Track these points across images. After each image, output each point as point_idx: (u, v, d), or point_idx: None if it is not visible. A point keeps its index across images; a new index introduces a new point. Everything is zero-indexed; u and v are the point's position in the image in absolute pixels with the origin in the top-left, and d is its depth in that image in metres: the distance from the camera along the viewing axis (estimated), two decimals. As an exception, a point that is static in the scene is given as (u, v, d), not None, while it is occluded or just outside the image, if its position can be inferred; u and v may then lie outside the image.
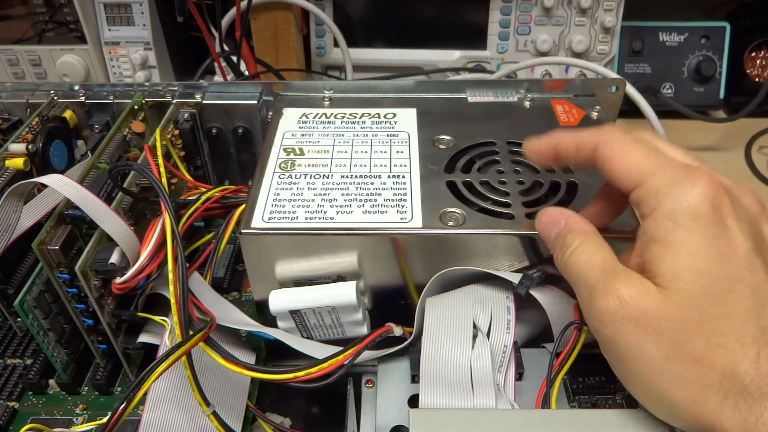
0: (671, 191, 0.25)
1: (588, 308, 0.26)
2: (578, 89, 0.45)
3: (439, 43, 0.72)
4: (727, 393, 0.23)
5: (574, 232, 0.28)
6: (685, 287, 0.24)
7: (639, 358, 0.24)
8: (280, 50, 0.68)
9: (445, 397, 0.30)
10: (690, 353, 0.23)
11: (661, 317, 0.24)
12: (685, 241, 0.24)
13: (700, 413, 0.23)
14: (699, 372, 0.23)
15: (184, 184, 0.46)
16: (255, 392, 0.37)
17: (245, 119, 0.47)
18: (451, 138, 0.40)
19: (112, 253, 0.33)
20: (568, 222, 0.29)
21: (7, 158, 0.40)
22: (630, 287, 0.25)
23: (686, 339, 0.23)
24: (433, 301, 0.34)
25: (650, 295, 0.24)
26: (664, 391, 0.24)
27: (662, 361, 0.24)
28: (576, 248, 0.28)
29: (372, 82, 0.46)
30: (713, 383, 0.23)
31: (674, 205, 0.24)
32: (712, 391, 0.23)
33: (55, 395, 0.39)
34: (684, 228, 0.24)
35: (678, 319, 0.23)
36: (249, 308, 0.42)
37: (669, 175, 0.25)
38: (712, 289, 0.23)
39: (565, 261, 0.28)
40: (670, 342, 0.23)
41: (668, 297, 0.24)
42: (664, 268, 0.24)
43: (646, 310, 0.24)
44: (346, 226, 0.33)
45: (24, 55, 0.70)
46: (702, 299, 0.23)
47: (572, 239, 0.28)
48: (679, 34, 0.71)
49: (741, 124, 0.67)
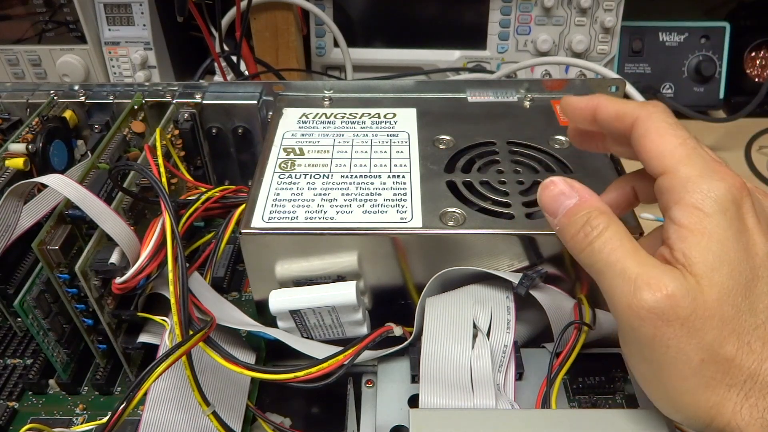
0: (701, 182, 0.24)
1: (628, 303, 0.23)
2: (578, 89, 0.45)
3: (439, 43, 0.72)
4: (748, 392, 0.23)
5: (596, 211, 0.26)
6: (721, 280, 0.23)
7: (674, 361, 0.23)
8: (280, 50, 0.68)
9: (445, 397, 0.30)
10: (723, 354, 0.23)
11: (707, 316, 0.23)
12: (715, 230, 0.23)
13: (720, 413, 0.23)
14: (728, 373, 0.23)
15: (184, 184, 0.46)
16: (255, 392, 0.37)
17: (245, 119, 0.47)
18: (451, 138, 0.40)
19: (112, 253, 0.33)
20: (582, 196, 0.27)
21: (7, 158, 0.40)
22: (680, 284, 0.23)
23: (723, 338, 0.23)
24: (433, 301, 0.34)
25: (698, 294, 0.23)
26: (690, 394, 0.23)
27: (697, 364, 0.23)
28: (603, 230, 0.25)
29: (372, 82, 0.46)
30: (738, 383, 0.23)
31: (702, 196, 0.24)
32: (734, 391, 0.23)
33: (55, 395, 0.39)
34: (712, 218, 0.24)
35: (719, 317, 0.23)
36: (249, 308, 0.42)
37: (699, 167, 0.25)
38: (741, 282, 0.23)
39: (590, 244, 0.25)
40: (709, 344, 0.23)
41: (708, 292, 0.23)
42: (700, 255, 0.23)
43: (695, 309, 0.23)
44: (346, 226, 0.33)
45: (24, 55, 0.70)
46: (736, 292, 0.23)
47: (597, 219, 0.25)
48: (679, 34, 0.71)
49: (741, 124, 0.67)
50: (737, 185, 0.24)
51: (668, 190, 0.25)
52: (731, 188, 0.24)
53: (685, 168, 0.25)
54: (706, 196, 0.24)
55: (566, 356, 0.31)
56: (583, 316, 0.33)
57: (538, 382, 0.32)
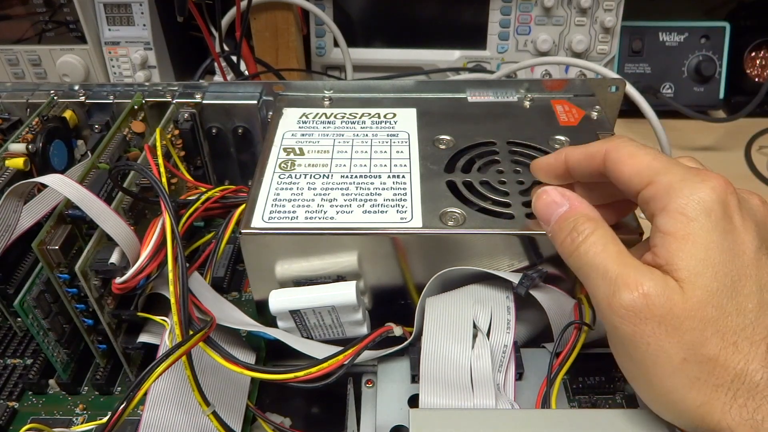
0: (683, 187, 0.25)
1: (608, 303, 0.25)
2: (578, 89, 0.45)
3: (439, 43, 0.72)
4: (736, 392, 0.23)
5: (583, 217, 0.27)
6: (705, 283, 0.23)
7: (655, 358, 0.24)
8: (280, 50, 0.68)
9: (445, 397, 0.30)
10: (706, 353, 0.23)
11: (684, 316, 0.23)
12: (699, 234, 0.24)
13: (708, 413, 0.23)
14: (713, 372, 0.23)
15: (184, 184, 0.46)
16: (255, 392, 0.37)
17: (245, 119, 0.47)
18: (451, 138, 0.40)
19: (112, 253, 0.33)
20: (572, 204, 0.28)
21: (7, 158, 0.40)
22: (656, 284, 0.24)
23: (705, 338, 0.23)
24: (433, 301, 0.34)
25: (674, 293, 0.24)
26: (675, 392, 0.24)
27: (678, 362, 0.23)
28: (589, 235, 0.26)
29: (372, 82, 0.46)
30: (724, 383, 0.23)
31: (686, 200, 0.24)
32: (722, 391, 0.23)
33: (55, 395, 0.39)
34: (696, 221, 0.24)
35: (699, 318, 0.23)
36: (249, 308, 0.42)
37: (680, 173, 0.25)
38: (726, 284, 0.23)
39: (577, 248, 0.26)
40: (689, 342, 0.23)
41: (690, 294, 0.23)
42: (683, 261, 0.24)
43: (671, 308, 0.23)
44: (346, 226, 0.33)
45: (24, 55, 0.70)
46: (719, 295, 0.23)
47: (583, 225, 0.27)
48: (679, 34, 0.71)
49: (741, 124, 0.67)
50: (720, 185, 0.25)
51: (652, 199, 0.26)
52: (715, 188, 0.24)
53: (665, 176, 0.25)
54: (689, 200, 0.24)
55: (566, 356, 0.31)
56: (583, 316, 0.33)
57: (538, 382, 0.32)
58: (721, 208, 0.24)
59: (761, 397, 0.22)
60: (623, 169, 0.27)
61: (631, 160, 0.27)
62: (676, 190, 0.25)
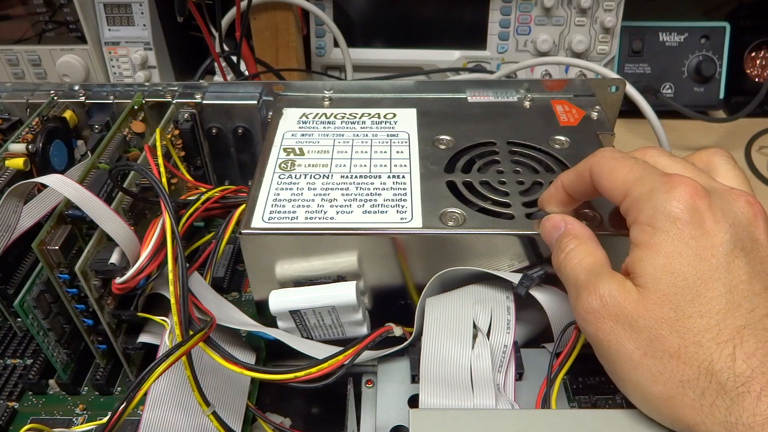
0: (650, 198, 0.26)
1: (575, 307, 0.27)
2: (578, 89, 0.45)
3: (439, 43, 0.72)
4: (704, 390, 0.23)
5: (570, 236, 0.30)
6: (661, 287, 0.25)
7: (618, 355, 0.25)
8: (280, 50, 0.68)
9: (445, 397, 0.30)
10: (665, 350, 0.24)
11: (638, 315, 0.25)
12: (662, 244, 0.25)
13: (680, 408, 0.24)
14: (675, 367, 0.24)
15: (184, 184, 0.46)
16: (255, 392, 0.37)
17: (245, 119, 0.47)
18: (451, 138, 0.40)
19: (112, 253, 0.33)
20: (566, 226, 0.31)
21: (7, 158, 0.40)
22: (611, 286, 0.26)
23: (662, 336, 0.24)
24: (433, 301, 0.34)
25: (628, 294, 0.25)
26: (641, 386, 0.25)
27: (639, 357, 0.25)
28: (570, 251, 0.29)
29: (372, 82, 0.46)
30: (689, 379, 0.23)
31: (653, 211, 0.26)
32: (689, 387, 0.23)
33: (55, 395, 0.39)
34: (662, 232, 0.25)
35: (654, 317, 0.24)
36: (249, 308, 0.42)
37: (648, 185, 0.27)
38: (687, 289, 0.24)
39: (559, 263, 0.29)
40: (646, 338, 0.25)
41: (645, 296, 0.25)
42: (642, 269, 0.25)
43: (624, 307, 0.25)
44: (346, 226, 0.33)
45: (24, 55, 0.70)
46: (677, 298, 0.24)
47: (567, 242, 0.29)
48: (679, 34, 0.71)
49: (741, 124, 0.67)
50: (687, 192, 0.25)
51: (628, 212, 0.28)
52: (681, 196, 0.25)
53: (636, 189, 0.27)
54: (655, 212, 0.26)
55: (566, 356, 0.31)
56: (583, 316, 0.33)
57: (538, 382, 0.32)
58: (688, 215, 0.25)
59: (730, 399, 0.22)
60: (604, 184, 0.29)
61: (610, 174, 0.29)
62: (645, 202, 0.26)
